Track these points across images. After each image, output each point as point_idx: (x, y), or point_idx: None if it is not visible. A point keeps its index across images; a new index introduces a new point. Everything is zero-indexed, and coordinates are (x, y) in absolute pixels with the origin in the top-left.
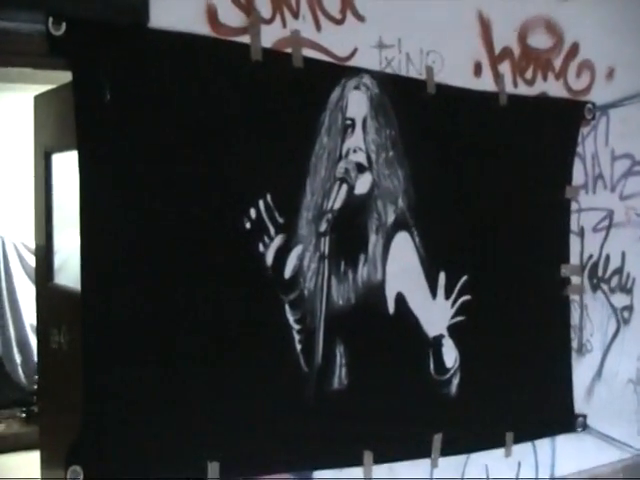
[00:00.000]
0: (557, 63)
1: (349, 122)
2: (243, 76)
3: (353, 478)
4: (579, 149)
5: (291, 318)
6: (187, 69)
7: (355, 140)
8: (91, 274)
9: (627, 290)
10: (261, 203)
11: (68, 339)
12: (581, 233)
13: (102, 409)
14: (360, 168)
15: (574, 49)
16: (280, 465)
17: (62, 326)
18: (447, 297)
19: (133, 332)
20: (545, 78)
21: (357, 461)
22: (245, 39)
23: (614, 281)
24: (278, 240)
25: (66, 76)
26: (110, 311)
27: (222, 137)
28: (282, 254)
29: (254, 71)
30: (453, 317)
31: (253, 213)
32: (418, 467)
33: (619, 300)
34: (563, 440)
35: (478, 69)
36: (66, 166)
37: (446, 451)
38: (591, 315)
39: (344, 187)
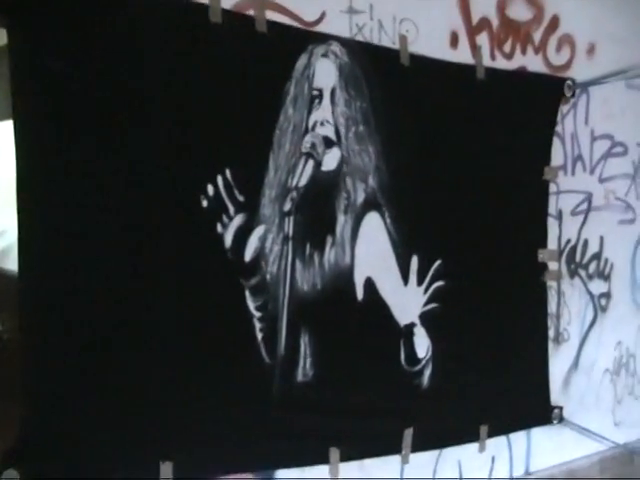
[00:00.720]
0: (537, 36)
1: (316, 93)
2: (200, 40)
3: (319, 478)
4: (558, 128)
5: (252, 305)
6: (138, 32)
7: (323, 112)
8: (29, 257)
9: (605, 276)
10: (219, 179)
11: (9, 327)
12: (559, 216)
13: (44, 406)
14: (328, 143)
15: (554, 22)
16: (239, 465)
17: (2, 313)
18: (419, 283)
19: (77, 323)
20: (524, 52)
21: (323, 459)
22: None
23: (592, 267)
24: (238, 220)
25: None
26: (51, 299)
27: (176, 107)
28: (242, 235)
29: (213, 34)
30: (425, 304)
31: (210, 190)
32: (388, 464)
33: (597, 287)
34: (539, 433)
35: (454, 40)
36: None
37: (417, 446)
38: (568, 303)
39: (310, 163)
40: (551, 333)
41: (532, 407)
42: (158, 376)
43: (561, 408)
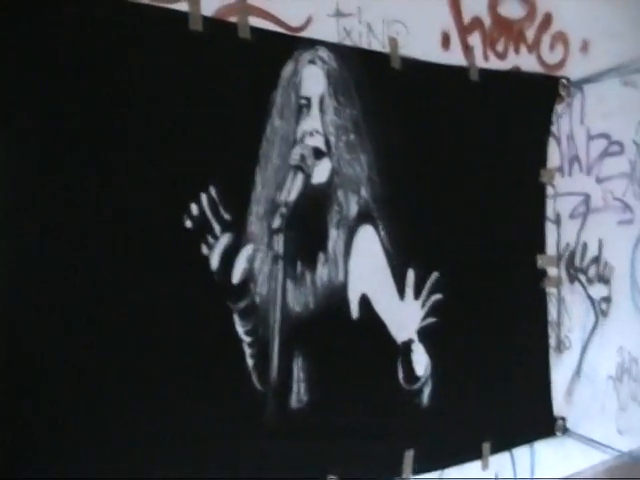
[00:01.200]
0: (530, 35)
1: (304, 101)
2: (180, 49)
3: None
4: (554, 128)
5: (241, 330)
6: (114, 39)
7: (311, 122)
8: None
9: (605, 280)
10: (203, 197)
11: None
12: (557, 220)
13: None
14: (318, 154)
15: (547, 19)
16: None
17: None
18: (416, 297)
19: (49, 348)
20: (517, 51)
21: None
22: (183, 6)
23: (592, 271)
24: (224, 240)
25: None
26: (23, 323)
27: (156, 121)
28: (229, 256)
29: (193, 43)
30: (423, 319)
31: (194, 209)
32: None
33: (597, 291)
34: (542, 445)
35: (446, 40)
36: None
37: (419, 468)
38: (569, 309)
39: (300, 176)
40: (552, 341)
41: (535, 419)
42: (143, 409)
43: (564, 419)
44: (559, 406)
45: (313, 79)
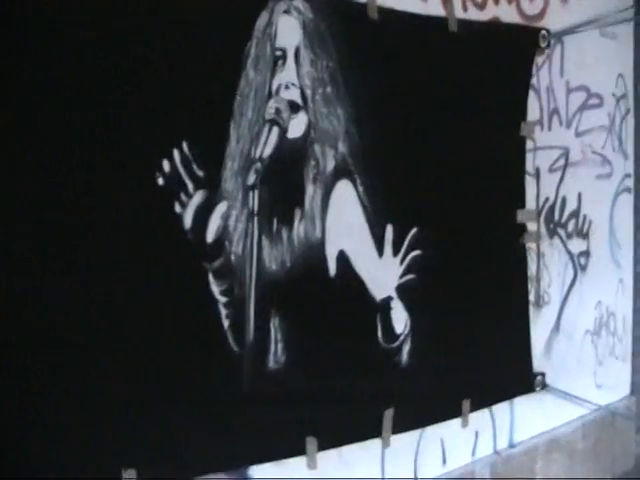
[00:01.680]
0: None
1: (279, 53)
2: (155, 3)
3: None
4: (533, 81)
5: (216, 290)
6: None
7: (287, 74)
8: None
9: (583, 235)
10: (176, 153)
11: None
12: (537, 174)
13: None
14: (293, 107)
15: None
16: (210, 465)
17: None
18: (395, 253)
19: (20, 315)
20: (497, 1)
21: (299, 450)
22: None
23: (571, 225)
24: (198, 197)
25: None
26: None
27: (124, 74)
28: (203, 214)
29: None
30: (402, 276)
31: (166, 166)
32: (368, 449)
33: (576, 246)
34: (522, 402)
35: None
36: None
37: (398, 428)
38: (548, 264)
39: (275, 130)
40: (532, 297)
41: (515, 376)
42: (115, 374)
43: (544, 374)
44: (538, 362)
45: (288, 30)
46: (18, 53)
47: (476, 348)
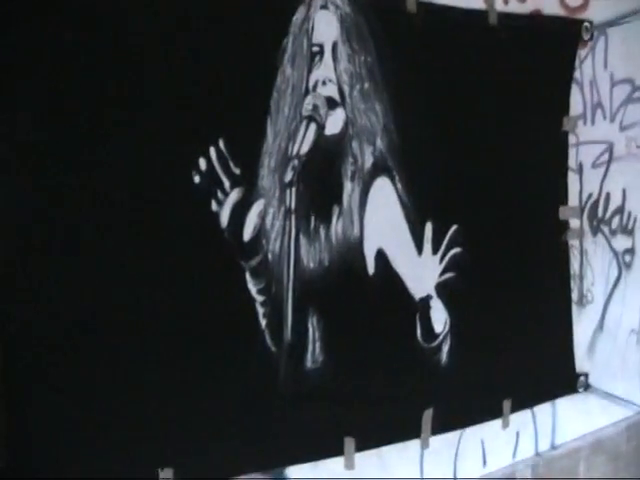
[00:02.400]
0: None
1: (317, 48)
2: None
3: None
4: (576, 74)
5: (253, 288)
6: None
7: (324, 70)
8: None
9: (628, 231)
10: (212, 151)
11: None
12: (579, 170)
13: (29, 413)
14: (331, 103)
15: None
16: (247, 465)
17: None
18: (435, 251)
19: (59, 320)
20: None
21: (337, 451)
22: None
23: (615, 222)
24: (234, 195)
25: None
26: (26, 301)
27: (160, 71)
28: (240, 212)
29: None
30: (442, 274)
31: (203, 164)
32: (407, 450)
33: (620, 243)
34: (564, 403)
35: None
36: None
37: (438, 428)
38: (591, 262)
39: (312, 127)
40: (574, 295)
41: (557, 376)
42: (153, 373)
43: (587, 375)
44: (581, 362)
45: (325, 25)
46: (59, 54)
47: (517, 348)
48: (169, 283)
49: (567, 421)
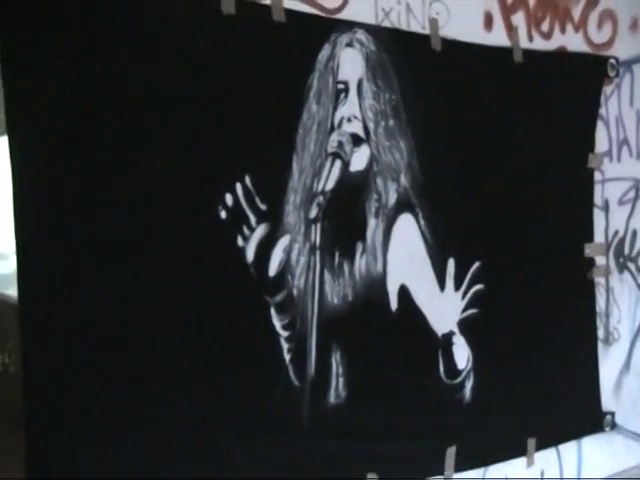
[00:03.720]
0: (576, 13)
1: (342, 86)
2: (213, 33)
3: None
4: (602, 111)
5: (278, 324)
6: (146, 28)
7: (349, 107)
8: (29, 281)
9: None
10: (238, 187)
11: (15, 359)
12: (605, 207)
13: (49, 443)
14: (356, 140)
15: None
16: None
17: (7, 344)
18: (457, 288)
19: (84, 349)
20: (563, 30)
21: None
22: None
23: None
24: (260, 231)
25: None
26: (56, 325)
27: (187, 109)
28: (265, 247)
29: (226, 27)
30: (464, 310)
31: (229, 200)
32: None
33: None
34: (590, 442)
35: (489, 21)
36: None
37: (461, 466)
38: (618, 299)
39: (337, 164)
40: (600, 333)
41: (582, 414)
42: (176, 406)
43: (613, 414)
44: (607, 401)
45: (351, 63)
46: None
47: (542, 385)
48: (196, 316)
49: (593, 460)
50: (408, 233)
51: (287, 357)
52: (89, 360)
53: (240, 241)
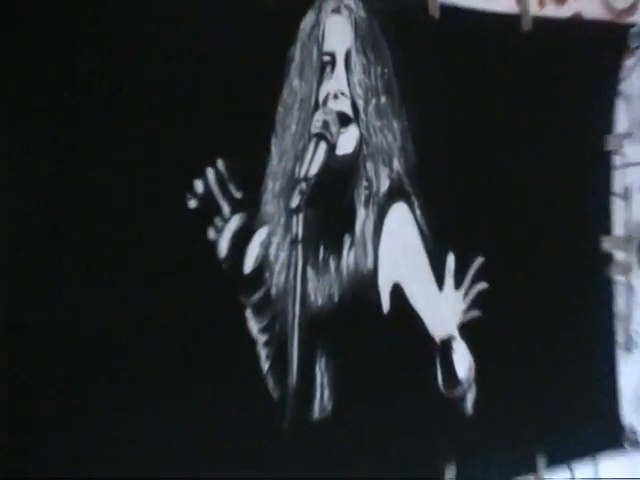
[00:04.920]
0: None
1: (327, 58)
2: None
3: None
4: (622, 86)
5: (254, 327)
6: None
7: (336, 82)
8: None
9: None
10: (210, 172)
11: None
12: (626, 195)
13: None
14: (343, 120)
15: None
16: None
17: None
18: (457, 286)
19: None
20: None
21: None
22: None
23: None
24: (234, 222)
25: None
26: (26, 327)
27: (153, 87)
28: (240, 241)
29: None
30: (466, 312)
31: (199, 186)
32: None
33: None
34: (608, 459)
35: None
36: None
37: None
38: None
39: (322, 146)
40: (620, 338)
41: (599, 429)
42: (142, 422)
43: (634, 429)
44: (627, 414)
45: (338, 31)
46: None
47: (553, 396)
48: (163, 318)
49: None
50: (402, 224)
51: (265, 366)
52: (62, 367)
53: (211, 233)
